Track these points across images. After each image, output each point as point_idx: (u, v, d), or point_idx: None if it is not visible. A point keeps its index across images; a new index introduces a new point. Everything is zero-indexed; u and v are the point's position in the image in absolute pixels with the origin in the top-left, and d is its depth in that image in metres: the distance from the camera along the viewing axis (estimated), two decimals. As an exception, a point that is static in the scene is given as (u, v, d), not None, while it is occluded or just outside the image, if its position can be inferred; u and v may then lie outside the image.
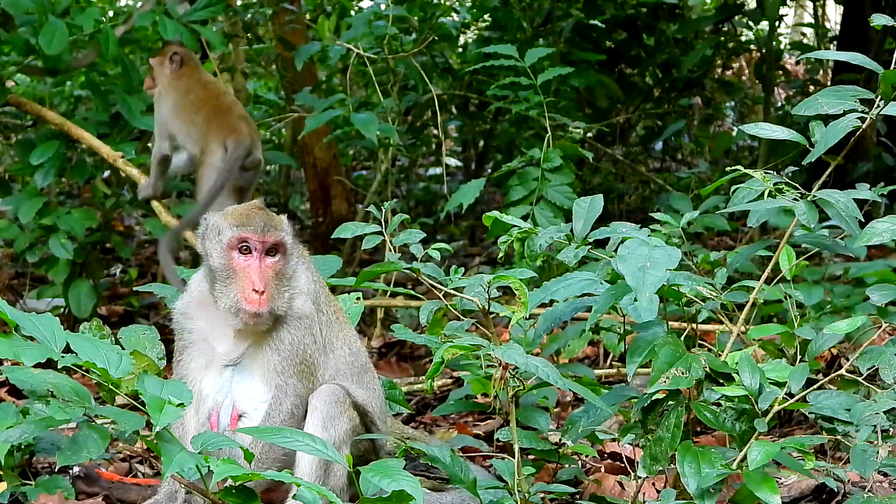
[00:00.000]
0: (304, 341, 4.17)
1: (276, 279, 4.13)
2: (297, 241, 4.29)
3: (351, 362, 4.31)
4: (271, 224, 4.18)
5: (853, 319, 4.33)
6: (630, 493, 4.45)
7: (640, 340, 4.07)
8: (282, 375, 4.15)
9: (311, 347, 4.19)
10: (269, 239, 4.13)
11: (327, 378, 4.24)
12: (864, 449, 3.95)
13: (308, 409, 4.17)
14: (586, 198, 4.39)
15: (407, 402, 5.14)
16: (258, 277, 4.10)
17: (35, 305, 8.14)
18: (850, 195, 4.13)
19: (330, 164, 10.50)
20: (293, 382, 4.16)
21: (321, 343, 4.24)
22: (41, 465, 4.81)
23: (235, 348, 4.20)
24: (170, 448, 3.59)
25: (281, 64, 10.00)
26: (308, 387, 4.18)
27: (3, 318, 3.77)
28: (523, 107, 7.56)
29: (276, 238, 4.15)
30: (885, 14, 4.20)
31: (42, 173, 7.32)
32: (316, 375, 4.21)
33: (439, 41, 9.68)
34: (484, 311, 4.24)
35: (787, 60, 13.14)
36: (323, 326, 4.25)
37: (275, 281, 4.13)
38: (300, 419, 4.15)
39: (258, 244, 4.13)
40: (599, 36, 10.37)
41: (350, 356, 4.31)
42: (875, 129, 9.45)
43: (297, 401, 4.16)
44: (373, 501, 3.70)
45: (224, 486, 3.74)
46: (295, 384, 4.16)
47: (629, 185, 11.32)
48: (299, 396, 4.16)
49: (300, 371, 4.16)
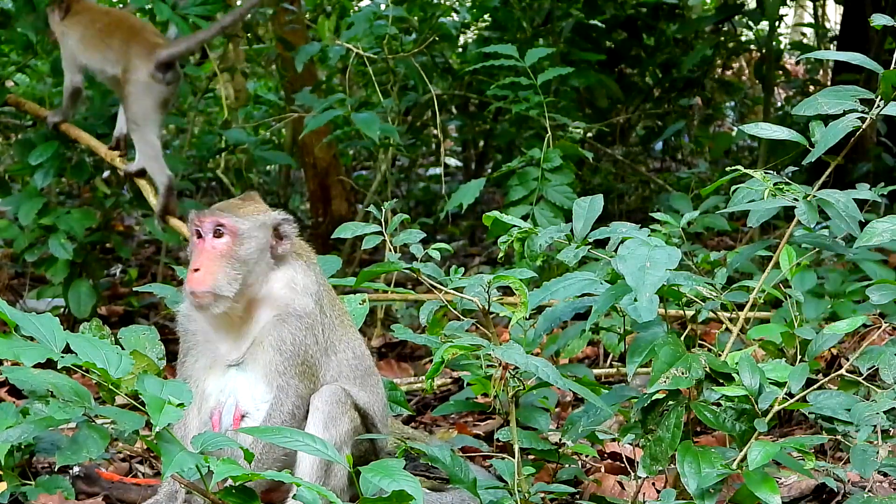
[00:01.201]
0: (306, 341, 4.17)
1: (222, 261, 4.11)
2: (289, 239, 4.21)
3: (354, 366, 4.30)
4: (221, 207, 4.20)
5: (853, 319, 4.33)
6: (630, 493, 4.45)
7: (640, 340, 4.07)
8: (283, 376, 4.15)
9: (313, 348, 4.19)
10: (206, 219, 4.14)
11: (328, 380, 4.24)
12: (864, 449, 3.95)
13: (309, 410, 4.17)
14: (586, 198, 4.39)
15: (407, 402, 5.14)
16: (198, 257, 4.12)
17: (35, 305, 8.14)
18: (850, 195, 4.13)
19: (330, 164, 10.51)
20: (294, 383, 4.15)
21: (323, 344, 4.23)
22: (41, 465, 4.81)
23: (237, 348, 4.20)
24: (170, 448, 3.59)
25: (281, 64, 10.00)
26: (309, 387, 4.18)
27: (3, 318, 3.76)
28: (523, 107, 7.56)
29: (216, 219, 4.14)
30: (885, 14, 4.20)
31: (41, 173, 7.32)
32: (317, 376, 4.21)
33: (439, 41, 9.68)
34: (484, 311, 4.24)
35: (787, 60, 13.14)
36: (326, 328, 4.25)
37: (221, 263, 4.10)
38: (301, 419, 4.15)
39: (203, 226, 4.14)
40: (599, 36, 10.37)
41: (353, 359, 4.31)
42: (875, 129, 9.44)
43: (299, 401, 4.15)
44: (373, 501, 3.70)
45: (224, 486, 3.74)
46: (296, 384, 4.15)
47: (629, 185, 11.32)
48: (300, 397, 4.16)
49: (301, 372, 4.16)
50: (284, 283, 4.22)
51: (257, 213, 4.21)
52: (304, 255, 4.32)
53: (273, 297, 4.21)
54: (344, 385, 4.23)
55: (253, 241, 4.16)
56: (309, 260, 4.32)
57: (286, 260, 4.25)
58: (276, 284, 4.22)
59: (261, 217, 4.20)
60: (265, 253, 4.19)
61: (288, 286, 4.22)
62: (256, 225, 4.18)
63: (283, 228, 4.22)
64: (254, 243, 4.16)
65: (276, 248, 4.20)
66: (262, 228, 4.19)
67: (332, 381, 4.23)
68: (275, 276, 4.22)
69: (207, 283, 4.08)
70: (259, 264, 4.18)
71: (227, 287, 4.10)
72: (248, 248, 4.15)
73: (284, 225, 4.22)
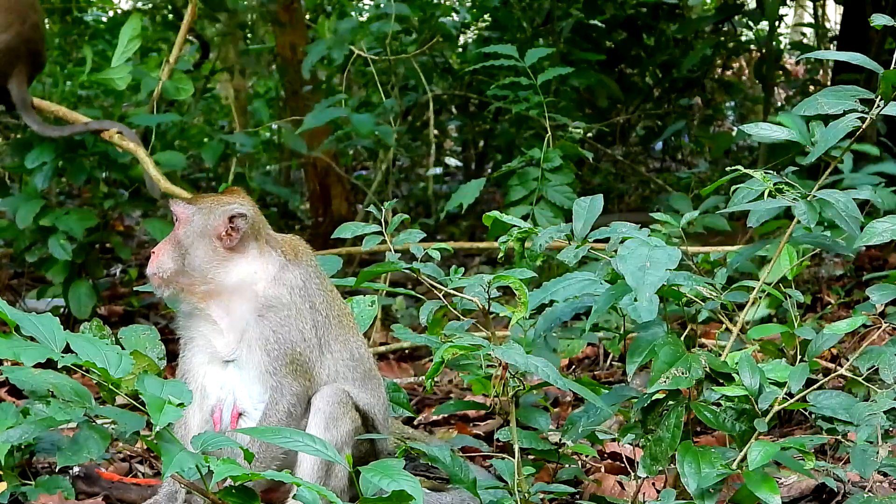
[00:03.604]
0: (290, 338, 4.18)
1: (168, 245, 4.25)
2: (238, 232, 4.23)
3: (352, 367, 4.29)
4: (185, 197, 4.47)
5: (853, 319, 4.33)
6: (630, 493, 4.45)
7: (640, 340, 4.07)
8: (275, 376, 4.16)
9: (301, 345, 4.19)
10: (171, 207, 4.33)
11: (324, 378, 4.24)
12: (864, 449, 3.95)
13: (311, 410, 4.17)
14: (586, 198, 4.38)
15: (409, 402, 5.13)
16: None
17: (35, 305, 8.13)
18: (850, 195, 4.13)
19: (330, 164, 10.51)
20: (288, 382, 4.16)
21: (313, 341, 4.23)
22: (41, 465, 4.81)
23: (227, 343, 4.22)
24: (170, 448, 3.59)
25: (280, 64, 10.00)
26: (304, 385, 4.18)
27: (3, 318, 3.76)
28: (523, 107, 7.56)
29: (172, 206, 4.32)
30: (885, 14, 4.19)
31: (41, 175, 7.32)
32: (311, 374, 4.21)
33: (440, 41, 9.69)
34: (484, 311, 4.24)
35: (787, 60, 13.14)
36: (319, 326, 4.25)
37: (167, 247, 4.25)
38: (299, 417, 4.16)
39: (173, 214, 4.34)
40: (599, 36, 10.38)
41: (351, 360, 4.30)
42: (875, 129, 9.44)
43: (294, 400, 4.16)
44: (373, 501, 3.70)
45: (224, 486, 3.74)
46: (290, 383, 4.16)
47: (629, 185, 11.33)
48: (296, 395, 4.16)
49: (293, 370, 4.17)
50: (248, 274, 4.23)
51: (213, 203, 4.27)
52: (286, 250, 4.30)
53: (242, 289, 4.22)
54: (343, 386, 4.23)
55: (194, 226, 4.23)
56: (291, 255, 4.30)
57: (249, 252, 4.25)
58: (238, 275, 4.23)
59: (210, 206, 4.25)
60: (211, 241, 4.22)
61: (258, 277, 4.23)
62: (202, 212, 4.24)
63: (235, 221, 4.24)
64: (194, 229, 4.23)
65: (225, 239, 4.23)
66: (207, 216, 4.23)
67: (328, 381, 4.23)
68: (236, 266, 4.23)
69: (153, 265, 4.23)
70: (205, 251, 4.22)
71: (164, 270, 4.21)
72: (188, 234, 4.22)
73: (238, 219, 4.24)
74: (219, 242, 4.21)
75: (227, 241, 4.22)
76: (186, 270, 4.21)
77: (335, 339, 4.28)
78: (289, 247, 4.32)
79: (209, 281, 4.21)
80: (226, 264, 4.22)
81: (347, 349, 4.30)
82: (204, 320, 4.26)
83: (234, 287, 4.21)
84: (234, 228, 4.23)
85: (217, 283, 4.22)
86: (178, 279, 4.22)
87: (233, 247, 4.21)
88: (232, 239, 4.21)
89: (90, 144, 7.48)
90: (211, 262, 4.21)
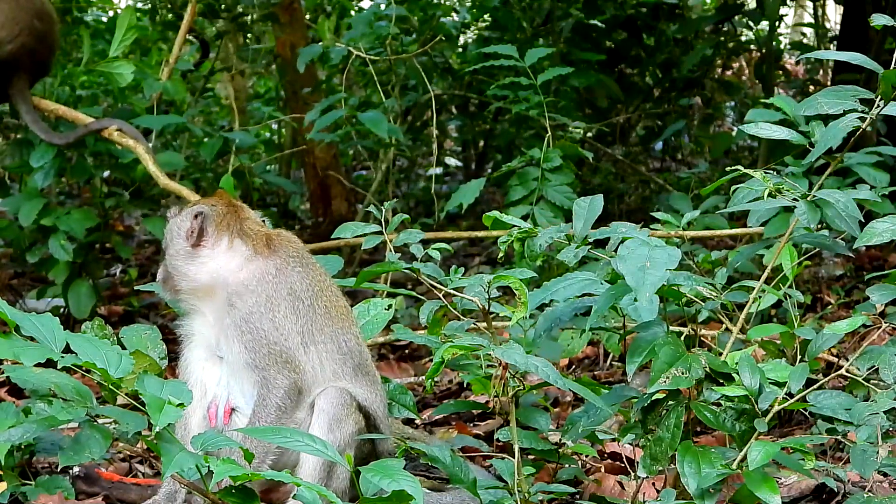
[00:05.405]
0: (261, 325, 4.20)
1: (165, 253, 4.48)
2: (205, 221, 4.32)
3: (341, 360, 4.29)
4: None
5: (853, 319, 4.33)
6: (630, 493, 4.45)
7: (640, 340, 4.07)
8: (258, 369, 4.19)
9: (274, 334, 4.20)
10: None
11: (309, 371, 4.23)
12: (864, 449, 3.95)
13: (314, 411, 4.18)
14: (586, 198, 4.38)
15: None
16: None
17: (35, 305, 8.13)
18: (850, 195, 4.13)
19: (330, 164, 10.51)
20: (272, 375, 4.17)
21: (291, 330, 4.24)
22: (41, 465, 4.81)
23: (217, 338, 4.28)
24: (169, 448, 3.59)
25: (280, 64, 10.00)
26: (292, 377, 4.19)
27: (3, 318, 3.76)
28: (523, 107, 7.56)
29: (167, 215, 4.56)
30: (885, 14, 4.20)
31: (42, 174, 7.32)
32: (296, 364, 4.21)
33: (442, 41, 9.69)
34: (484, 311, 4.24)
35: (787, 60, 13.15)
36: (300, 315, 4.26)
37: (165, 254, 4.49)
38: (291, 411, 4.17)
39: None
40: (599, 36, 10.38)
41: (339, 353, 4.29)
42: (875, 129, 9.44)
43: (282, 393, 4.17)
44: (373, 501, 3.70)
45: (223, 485, 3.74)
46: (275, 376, 4.18)
47: (629, 185, 11.32)
48: (283, 389, 4.17)
49: (276, 362, 4.18)
50: (217, 269, 4.30)
51: (186, 205, 4.48)
52: (257, 243, 4.31)
53: (216, 285, 4.29)
54: (342, 384, 4.23)
55: (170, 230, 4.41)
56: (262, 247, 4.30)
57: (218, 248, 4.32)
58: (209, 272, 4.31)
59: (182, 208, 4.45)
60: (183, 241, 4.35)
61: (228, 270, 4.29)
62: (174, 216, 4.43)
63: (195, 221, 4.33)
64: (170, 233, 4.40)
65: (190, 238, 4.34)
66: (177, 218, 4.41)
67: (314, 373, 4.23)
68: (207, 263, 4.32)
69: (158, 274, 4.48)
70: (176, 252, 4.36)
71: (160, 276, 4.44)
72: (168, 238, 4.41)
73: (197, 217, 4.33)
74: (186, 242, 4.34)
75: (190, 239, 4.33)
76: (170, 272, 4.38)
77: (320, 330, 4.28)
78: (263, 240, 4.34)
79: (188, 279, 4.34)
80: (197, 262, 4.34)
81: (335, 341, 4.29)
82: (200, 318, 4.35)
83: (210, 283, 4.30)
84: (197, 227, 4.33)
85: (192, 280, 4.33)
86: (169, 282, 4.39)
87: (199, 244, 4.32)
88: (193, 236, 4.32)
89: (91, 143, 7.48)
90: (184, 261, 4.34)
